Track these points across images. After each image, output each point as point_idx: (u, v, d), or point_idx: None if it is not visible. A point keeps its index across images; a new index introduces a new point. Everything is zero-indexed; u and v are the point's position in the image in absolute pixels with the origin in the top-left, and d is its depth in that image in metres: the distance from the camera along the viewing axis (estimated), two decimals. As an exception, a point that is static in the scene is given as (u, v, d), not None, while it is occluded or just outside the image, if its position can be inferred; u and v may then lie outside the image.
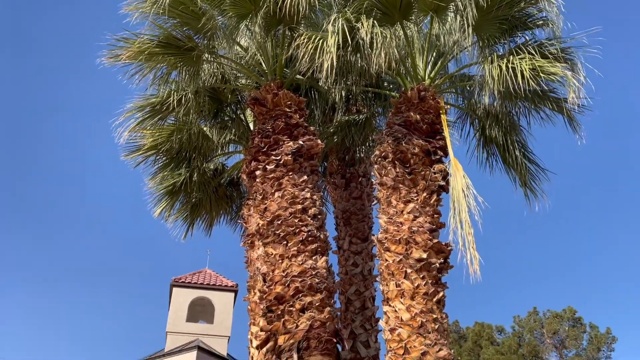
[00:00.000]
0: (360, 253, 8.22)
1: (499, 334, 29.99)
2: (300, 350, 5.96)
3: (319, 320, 6.19)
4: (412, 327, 5.54)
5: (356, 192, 8.86)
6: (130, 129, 7.85)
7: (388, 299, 5.94)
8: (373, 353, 7.14)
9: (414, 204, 6.39)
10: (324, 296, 6.43)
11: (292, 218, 6.98)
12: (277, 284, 6.51)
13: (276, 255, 6.79)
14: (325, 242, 7.11)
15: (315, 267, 6.63)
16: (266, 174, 7.24)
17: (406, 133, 6.78)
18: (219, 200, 10.33)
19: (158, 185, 9.19)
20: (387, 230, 6.33)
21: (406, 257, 6.03)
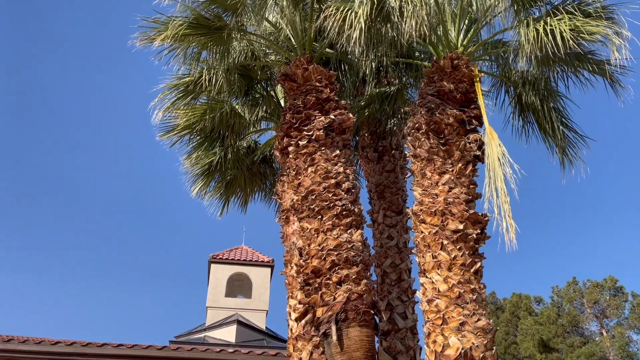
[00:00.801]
0: (395, 226, 8.21)
1: (537, 304, 29.70)
2: (339, 322, 6.04)
3: (356, 292, 6.25)
4: (449, 298, 5.53)
5: (389, 165, 8.81)
6: (165, 110, 7.97)
7: (424, 271, 5.94)
8: (410, 324, 7.19)
9: (449, 175, 6.32)
10: (360, 269, 6.48)
11: (326, 193, 7.01)
12: (314, 258, 6.59)
13: (311, 229, 6.86)
14: (360, 215, 7.13)
15: (350, 240, 6.67)
16: (299, 150, 7.27)
17: (439, 103, 6.67)
18: (252, 178, 10.46)
19: (194, 165, 9.36)
20: (422, 202, 6.29)
21: (442, 229, 5.99)
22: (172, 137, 8.87)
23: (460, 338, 5.24)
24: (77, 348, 11.44)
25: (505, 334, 28.75)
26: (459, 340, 5.24)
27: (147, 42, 7.14)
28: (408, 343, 6.99)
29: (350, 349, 5.89)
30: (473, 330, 5.29)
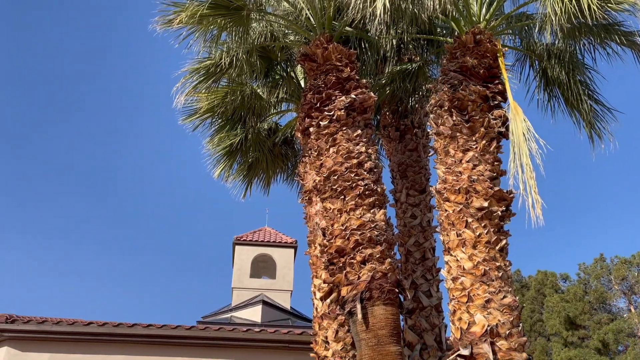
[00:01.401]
0: (418, 205, 8.17)
1: (564, 281, 29.40)
2: (363, 300, 6.08)
3: (380, 271, 6.27)
4: (474, 276, 5.51)
5: (411, 144, 8.74)
6: (186, 93, 8.01)
7: (449, 249, 5.92)
8: (435, 302, 7.20)
9: (472, 152, 6.24)
10: (384, 248, 6.48)
11: (348, 173, 7.00)
12: (337, 238, 6.61)
13: (334, 209, 6.87)
14: (383, 195, 7.12)
15: (373, 220, 6.67)
16: (320, 130, 7.25)
17: (462, 79, 6.56)
18: (274, 159, 10.50)
19: (216, 147, 9.43)
20: (446, 180, 6.24)
21: (466, 207, 5.94)
22: (194, 120, 8.93)
23: (486, 315, 5.23)
24: (108, 328, 11.78)
25: (531, 312, 28.59)
26: (485, 317, 5.23)
27: (166, 26, 7.16)
28: (433, 321, 7.01)
29: (375, 327, 5.93)
30: (499, 307, 5.27)
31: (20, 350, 11.75)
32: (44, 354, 11.78)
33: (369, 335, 5.89)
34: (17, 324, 11.51)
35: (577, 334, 26.30)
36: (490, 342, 5.05)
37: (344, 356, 6.75)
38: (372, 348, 5.82)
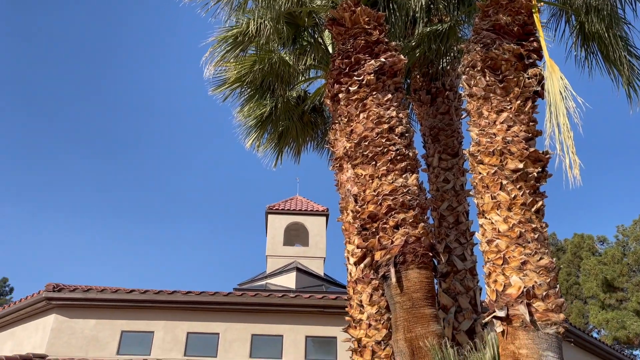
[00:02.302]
0: (450, 169, 8.08)
1: (601, 244, 28.84)
2: (397, 264, 6.11)
3: (413, 235, 6.27)
4: (510, 238, 5.45)
5: (443, 107, 8.59)
6: (215, 63, 8.02)
7: (483, 212, 5.85)
8: (469, 265, 7.18)
9: (507, 113, 6.09)
10: (417, 212, 6.47)
11: (379, 138, 6.95)
12: (369, 203, 6.62)
13: (366, 175, 6.86)
14: (415, 159, 7.06)
15: (405, 184, 6.64)
16: (349, 96, 7.19)
17: (495, 38, 6.35)
18: (304, 127, 10.50)
19: (246, 117, 9.48)
20: (480, 142, 6.12)
21: (501, 169, 5.84)
22: (224, 90, 8.96)
23: (522, 277, 5.19)
24: (150, 295, 12.22)
25: (567, 275, 28.26)
26: (521, 279, 5.19)
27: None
28: (467, 284, 7.00)
29: (409, 290, 5.97)
30: (535, 269, 5.22)
31: (68, 317, 12.33)
32: (90, 320, 12.34)
33: (403, 299, 5.95)
34: (63, 292, 12.06)
35: (615, 296, 25.92)
36: (527, 303, 5.02)
37: (378, 319, 6.84)
38: (407, 311, 5.88)
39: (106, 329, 12.28)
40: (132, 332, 12.39)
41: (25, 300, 12.53)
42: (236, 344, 12.38)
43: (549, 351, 4.85)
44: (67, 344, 12.05)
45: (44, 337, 12.16)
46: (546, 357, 4.81)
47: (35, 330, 12.62)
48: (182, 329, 12.44)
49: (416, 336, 5.71)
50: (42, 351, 11.92)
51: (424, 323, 5.79)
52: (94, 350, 12.04)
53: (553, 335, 4.94)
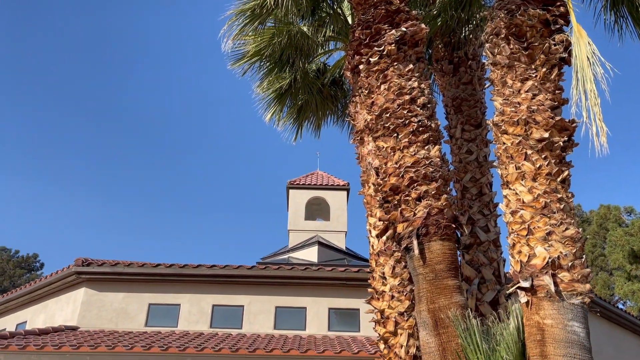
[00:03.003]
0: (474, 140, 7.96)
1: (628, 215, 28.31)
2: (420, 236, 6.09)
3: (436, 207, 6.23)
4: (534, 209, 5.37)
5: (466, 77, 8.41)
6: (233, 37, 7.97)
7: (507, 182, 5.76)
8: (493, 237, 7.12)
9: (532, 81, 5.93)
10: (440, 184, 6.41)
11: (400, 110, 6.86)
12: (391, 176, 6.58)
13: (387, 148, 6.80)
14: (437, 131, 6.96)
15: (428, 156, 6.57)
16: (370, 67, 7.08)
17: (520, 4, 6.14)
18: (324, 101, 10.43)
19: (265, 91, 9.45)
20: (504, 112, 5.99)
21: (526, 138, 5.72)
22: (243, 64, 8.92)
23: (547, 247, 5.13)
24: (175, 269, 12.48)
25: (592, 247, 27.91)
26: (546, 249, 5.12)
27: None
28: (491, 255, 6.96)
29: (432, 262, 5.96)
30: (561, 239, 5.15)
31: (97, 291, 12.69)
32: (119, 294, 12.69)
33: (426, 270, 5.94)
34: (92, 266, 12.39)
35: (642, 267, 25.55)
36: (552, 274, 4.97)
37: (401, 291, 6.86)
38: (430, 282, 5.88)
39: (134, 301, 12.62)
40: (159, 304, 12.72)
41: (56, 275, 12.93)
42: (261, 316, 12.62)
43: (574, 321, 4.82)
44: (97, 317, 12.43)
45: (75, 310, 12.56)
46: (571, 327, 4.78)
47: (67, 303, 13.04)
48: (207, 302, 12.71)
49: (439, 307, 5.72)
50: (73, 323, 12.33)
51: (447, 294, 5.79)
52: (123, 322, 12.40)
53: (579, 306, 4.90)
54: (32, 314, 14.00)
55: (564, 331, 4.76)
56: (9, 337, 10.43)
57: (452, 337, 5.52)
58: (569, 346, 4.70)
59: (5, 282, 33.59)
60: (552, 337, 4.75)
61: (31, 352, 9.53)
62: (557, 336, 4.75)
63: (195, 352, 9.58)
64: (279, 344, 10.41)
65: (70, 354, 9.56)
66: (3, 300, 14.62)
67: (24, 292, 13.95)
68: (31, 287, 13.69)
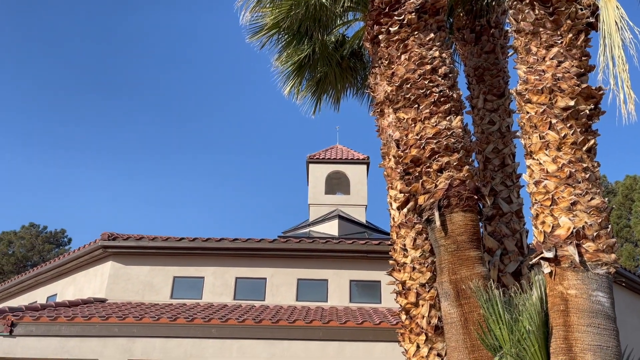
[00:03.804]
0: (496, 110, 7.82)
1: (655, 185, 27.70)
2: (441, 208, 6.07)
3: (458, 178, 6.18)
4: (559, 178, 5.28)
5: (488, 46, 8.22)
6: (251, 9, 7.89)
7: (531, 152, 5.67)
8: (516, 208, 7.05)
9: (557, 48, 5.76)
10: (462, 155, 6.34)
11: (421, 80, 6.76)
12: (412, 148, 6.53)
13: (408, 119, 6.73)
14: (459, 101, 6.86)
15: (450, 127, 6.49)
16: (390, 37, 6.96)
17: (545, -33, 5.94)
18: (343, 73, 10.33)
19: (284, 64, 9.38)
20: (527, 80, 5.86)
21: (550, 107, 5.59)
22: (261, 37, 8.85)
23: (572, 218, 5.06)
24: (198, 243, 12.69)
25: (618, 218, 27.47)
26: (570, 220, 5.06)
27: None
28: (514, 226, 6.90)
29: (454, 234, 5.94)
30: (586, 209, 5.07)
31: (123, 264, 13.00)
32: (144, 267, 12.97)
33: (448, 242, 5.93)
34: (117, 240, 12.66)
35: (668, 239, 25.09)
36: (576, 244, 4.91)
37: (422, 262, 6.88)
38: (452, 253, 5.88)
39: (159, 275, 12.90)
40: (183, 277, 12.98)
41: (83, 249, 13.25)
42: (283, 288, 12.80)
43: (598, 291, 4.78)
44: (124, 289, 12.76)
45: (103, 283, 12.90)
46: (596, 297, 4.75)
47: (94, 276, 13.40)
48: (230, 275, 12.93)
49: (461, 278, 5.73)
50: (101, 296, 12.68)
51: (469, 265, 5.79)
52: (149, 294, 12.71)
53: (603, 276, 4.85)
54: (62, 287, 14.44)
55: (588, 301, 4.73)
56: (41, 309, 10.78)
57: (474, 307, 5.54)
58: (593, 316, 4.68)
59: (35, 256, 34.61)
60: (576, 307, 4.73)
61: (62, 324, 9.85)
62: (581, 306, 4.72)
63: (219, 323, 9.79)
64: (301, 315, 10.57)
65: (99, 325, 9.85)
66: (34, 274, 15.09)
67: (53, 266, 14.36)
68: (60, 261, 14.09)
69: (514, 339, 4.89)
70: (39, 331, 9.85)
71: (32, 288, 15.76)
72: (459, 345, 5.51)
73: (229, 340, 9.73)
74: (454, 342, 5.57)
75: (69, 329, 9.85)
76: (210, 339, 9.74)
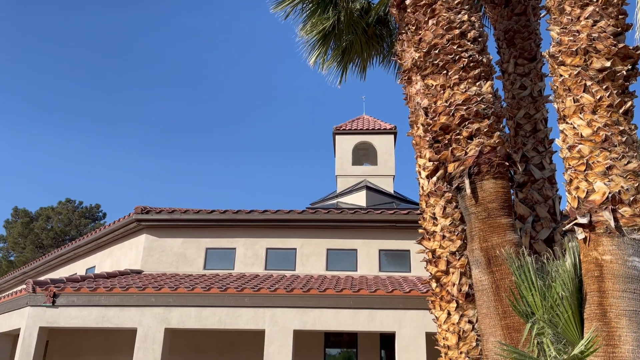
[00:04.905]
0: (527, 74, 7.60)
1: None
2: (472, 175, 6.00)
3: (488, 145, 6.08)
4: (594, 142, 5.14)
5: (519, 7, 7.94)
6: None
7: (564, 117, 5.52)
8: (548, 174, 6.90)
9: (592, 6, 5.53)
10: (492, 121, 6.22)
11: (450, 45, 6.61)
12: (441, 115, 6.43)
13: (437, 86, 6.62)
14: (489, 66, 6.69)
15: (480, 93, 6.35)
16: (417, 2, 6.80)
17: None
18: (369, 41, 10.17)
19: (309, 34, 9.28)
20: (561, 42, 5.66)
21: (585, 69, 5.41)
22: (285, 7, 8.76)
23: (607, 182, 4.94)
24: (229, 215, 12.91)
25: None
26: (606, 184, 4.94)
27: None
28: (546, 193, 6.78)
29: (485, 201, 5.88)
30: (622, 173, 4.94)
31: (157, 237, 13.34)
32: (177, 239, 13.30)
33: (478, 209, 5.88)
34: (151, 214, 12.98)
35: None
36: (612, 209, 4.80)
37: (452, 230, 6.86)
38: (482, 221, 5.83)
39: (192, 246, 13.22)
40: (215, 249, 13.27)
41: (118, 222, 13.64)
42: (313, 258, 12.97)
43: (634, 257, 4.69)
44: (158, 261, 13.13)
45: (138, 255, 13.30)
46: (632, 262, 4.66)
47: (130, 249, 13.81)
48: (261, 245, 13.15)
49: (492, 245, 5.69)
50: (137, 267, 13.09)
51: (500, 232, 5.74)
52: (183, 266, 13.06)
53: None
54: (100, 259, 14.94)
55: (623, 267, 4.65)
56: (81, 280, 11.21)
57: (506, 274, 5.51)
58: (628, 281, 4.60)
59: (73, 231, 35.78)
60: (611, 273, 4.66)
61: (101, 294, 10.23)
62: (617, 272, 4.65)
63: (252, 292, 10.01)
64: (331, 284, 10.72)
65: (137, 295, 10.20)
66: (72, 247, 15.64)
67: (90, 240, 14.85)
68: (96, 235, 14.54)
69: (546, 306, 4.86)
70: (80, 301, 10.27)
71: (71, 261, 16.37)
72: (490, 312, 5.52)
73: (261, 309, 9.97)
74: (485, 308, 5.58)
75: (108, 299, 10.24)
76: (244, 307, 9.99)
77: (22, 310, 10.55)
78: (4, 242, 35.99)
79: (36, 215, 36.10)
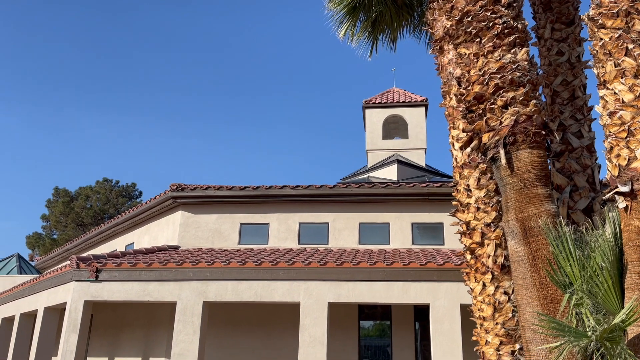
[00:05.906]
0: (565, 39, 7.33)
1: None
2: (507, 145, 5.89)
3: (524, 114, 5.94)
4: (636, 108, 4.96)
5: (556, -31, 7.62)
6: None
7: (605, 82, 5.33)
8: (587, 142, 6.71)
9: (636, -35, 5.28)
10: (528, 89, 6.07)
11: (483, 12, 6.43)
12: (475, 84, 6.30)
13: (470, 54, 6.47)
14: (524, 32, 6.49)
15: (515, 60, 6.19)
16: (448, -32, 6.61)
17: None
18: (398, 11, 9.97)
19: (337, 6, 9.15)
20: (601, 3, 5.43)
21: (627, 32, 5.19)
22: (313, -21, 8.62)
23: (650, 149, 4.78)
24: (262, 191, 13.06)
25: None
26: (648, 151, 4.78)
27: None
28: (584, 162, 6.60)
29: (521, 171, 5.78)
30: (666, 139, 4.77)
31: (193, 213, 13.62)
32: (212, 215, 13.55)
33: (514, 180, 5.79)
34: (185, 191, 13.24)
35: None
36: (655, 176, 4.67)
37: (487, 202, 6.77)
38: (518, 191, 5.74)
39: (227, 222, 13.46)
40: (249, 224, 13.48)
41: (154, 200, 13.97)
42: (345, 232, 13.04)
43: (679, 225, 4.55)
44: (194, 237, 13.44)
45: (175, 231, 13.63)
46: (676, 230, 4.53)
47: (166, 225, 14.16)
48: (294, 220, 13.29)
49: (528, 216, 5.61)
50: (174, 243, 13.43)
51: (537, 203, 5.64)
52: (218, 241, 13.33)
53: (684, 209, 4.60)
54: (138, 236, 15.38)
55: (666, 235, 4.53)
56: (121, 256, 11.58)
57: (543, 245, 5.44)
58: (672, 250, 4.49)
59: (111, 209, 36.86)
60: (654, 242, 4.55)
61: (141, 269, 10.57)
62: (659, 240, 4.53)
63: (286, 266, 10.17)
64: (364, 257, 10.78)
65: (175, 270, 10.49)
66: (111, 225, 16.14)
67: (128, 217, 15.28)
68: (134, 212, 14.95)
69: (585, 276, 4.79)
70: (122, 276, 10.63)
71: (110, 238, 16.91)
72: (527, 283, 5.47)
73: (296, 282, 10.12)
74: (522, 279, 5.53)
75: (148, 274, 10.57)
76: (279, 281, 10.17)
77: (68, 285, 11.00)
78: (47, 220, 37.40)
79: (76, 195, 37.30)
